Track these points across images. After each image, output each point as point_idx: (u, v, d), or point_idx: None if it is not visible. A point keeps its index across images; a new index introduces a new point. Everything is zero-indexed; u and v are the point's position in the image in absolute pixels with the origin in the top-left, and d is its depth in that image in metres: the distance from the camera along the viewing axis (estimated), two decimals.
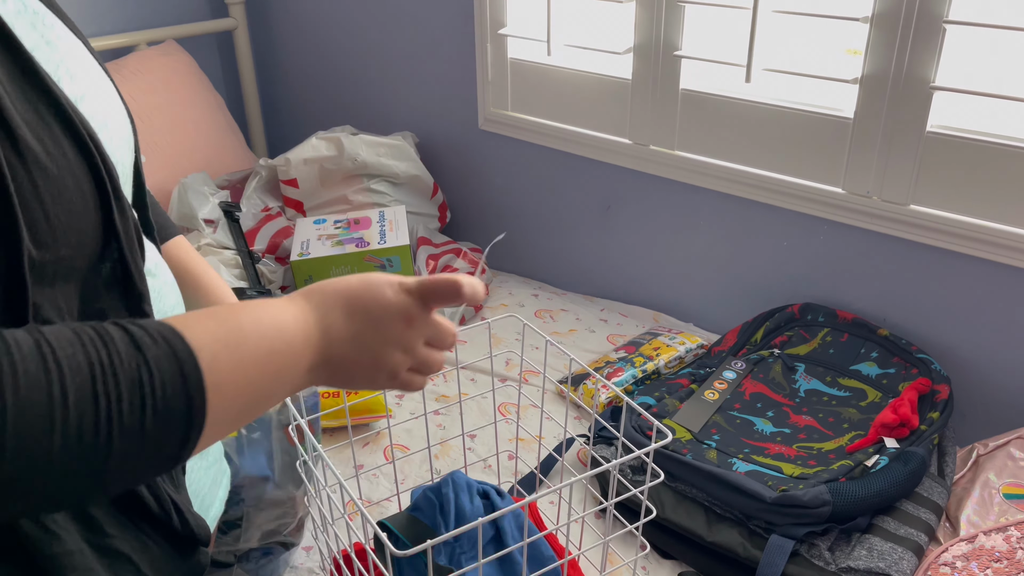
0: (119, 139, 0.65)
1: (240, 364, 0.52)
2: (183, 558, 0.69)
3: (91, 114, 0.60)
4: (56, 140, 0.54)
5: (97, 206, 0.56)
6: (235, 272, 1.71)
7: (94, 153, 0.56)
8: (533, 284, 1.98)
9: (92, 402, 0.45)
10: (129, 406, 0.46)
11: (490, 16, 1.81)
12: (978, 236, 1.36)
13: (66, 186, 0.53)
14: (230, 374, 0.51)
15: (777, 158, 1.54)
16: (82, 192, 0.55)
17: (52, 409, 0.43)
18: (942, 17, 1.28)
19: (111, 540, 0.62)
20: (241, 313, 0.55)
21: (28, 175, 0.51)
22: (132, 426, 0.46)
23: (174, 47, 2.16)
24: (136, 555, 0.64)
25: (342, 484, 0.80)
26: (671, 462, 1.22)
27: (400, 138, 2.00)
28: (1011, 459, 1.25)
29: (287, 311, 0.57)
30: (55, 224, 0.52)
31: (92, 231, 0.56)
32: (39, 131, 0.53)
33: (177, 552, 0.68)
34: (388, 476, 1.33)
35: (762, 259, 1.64)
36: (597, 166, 1.80)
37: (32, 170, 0.51)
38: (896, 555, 1.09)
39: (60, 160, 0.53)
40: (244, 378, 0.52)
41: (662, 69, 1.61)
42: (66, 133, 0.55)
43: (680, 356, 1.58)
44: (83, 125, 0.56)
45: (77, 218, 0.54)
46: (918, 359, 1.40)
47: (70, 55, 0.61)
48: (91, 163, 0.56)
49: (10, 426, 0.42)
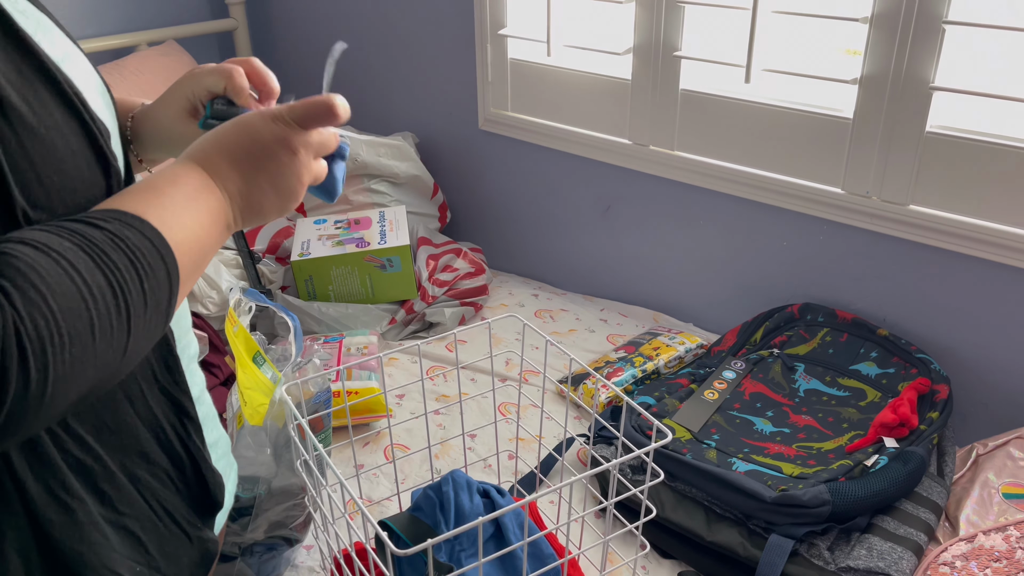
0: (103, 104, 0.65)
1: (184, 225, 0.59)
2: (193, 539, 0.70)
3: (74, 75, 0.59)
4: (42, 100, 0.54)
5: (90, 164, 0.57)
6: (235, 272, 1.71)
7: (82, 112, 0.57)
8: (533, 284, 1.98)
9: (108, 287, 0.51)
10: (135, 284, 0.53)
11: (490, 16, 1.82)
12: (978, 236, 1.36)
13: (55, 146, 0.54)
14: (180, 232, 0.58)
15: (777, 158, 1.54)
16: (72, 151, 0.56)
17: (85, 302, 0.50)
18: (941, 17, 1.28)
19: (123, 518, 0.63)
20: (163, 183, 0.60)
21: (16, 136, 0.51)
22: (138, 294, 0.53)
23: (174, 47, 2.16)
24: (145, 535, 0.65)
25: (343, 483, 0.80)
26: (671, 462, 1.22)
27: (400, 138, 2.00)
28: (1010, 459, 1.25)
29: (192, 178, 0.62)
30: (48, 185, 0.53)
31: (87, 189, 0.57)
32: (24, 92, 0.53)
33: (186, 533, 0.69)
34: (388, 476, 1.33)
35: (762, 259, 1.64)
36: (597, 166, 1.81)
37: (19, 131, 0.52)
38: (896, 555, 1.09)
39: (47, 120, 0.54)
40: (192, 234, 0.59)
41: (662, 69, 1.61)
42: (52, 93, 0.55)
43: (680, 356, 1.58)
44: (68, 84, 0.56)
45: (70, 178, 0.55)
46: (917, 359, 1.40)
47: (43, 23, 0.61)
48: (80, 121, 0.57)
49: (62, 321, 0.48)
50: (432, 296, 1.77)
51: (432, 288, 1.77)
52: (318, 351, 1.24)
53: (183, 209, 0.59)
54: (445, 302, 1.77)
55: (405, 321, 1.75)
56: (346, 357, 1.54)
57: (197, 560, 0.71)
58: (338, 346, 1.57)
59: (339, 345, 1.57)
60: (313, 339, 1.60)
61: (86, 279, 0.50)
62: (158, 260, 0.55)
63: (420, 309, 1.76)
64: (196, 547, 0.71)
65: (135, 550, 0.64)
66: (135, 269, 0.53)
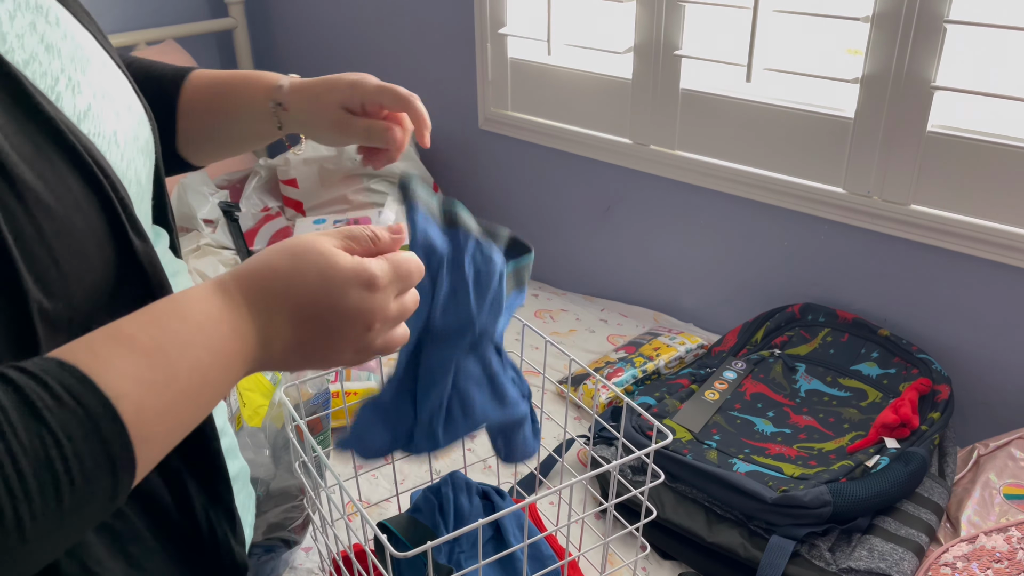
0: (134, 150, 0.59)
1: (170, 406, 0.45)
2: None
3: (97, 130, 0.54)
4: (59, 174, 0.48)
5: (109, 242, 0.50)
6: None
7: (103, 184, 0.50)
8: (533, 284, 1.98)
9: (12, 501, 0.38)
10: (39, 492, 0.39)
11: (490, 16, 1.81)
12: (978, 236, 1.36)
13: (74, 225, 0.48)
14: (158, 419, 0.44)
15: (778, 158, 1.53)
16: (92, 229, 0.49)
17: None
18: (942, 17, 1.28)
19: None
20: (168, 334, 0.47)
21: (31, 219, 0.45)
22: (46, 511, 0.39)
23: (174, 47, 2.16)
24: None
25: (341, 485, 0.80)
26: (671, 462, 1.22)
27: None
28: (1012, 459, 1.25)
29: (223, 323, 0.49)
30: (66, 269, 0.47)
31: (104, 269, 0.50)
32: (38, 166, 0.47)
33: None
34: (387, 477, 1.33)
35: (762, 259, 1.64)
36: (597, 166, 1.80)
37: (35, 212, 0.45)
38: (897, 556, 1.09)
39: (65, 197, 0.48)
40: (175, 419, 0.46)
41: (662, 69, 1.61)
42: (69, 164, 0.49)
43: (680, 356, 1.58)
44: (88, 152, 0.50)
45: (88, 259, 0.49)
46: (919, 359, 1.39)
47: (74, 59, 0.55)
48: (100, 195, 0.50)
49: None
50: None
51: None
52: None
53: (185, 385, 0.46)
54: None
55: None
56: None
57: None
58: None
59: None
60: None
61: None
62: (100, 465, 0.41)
63: None
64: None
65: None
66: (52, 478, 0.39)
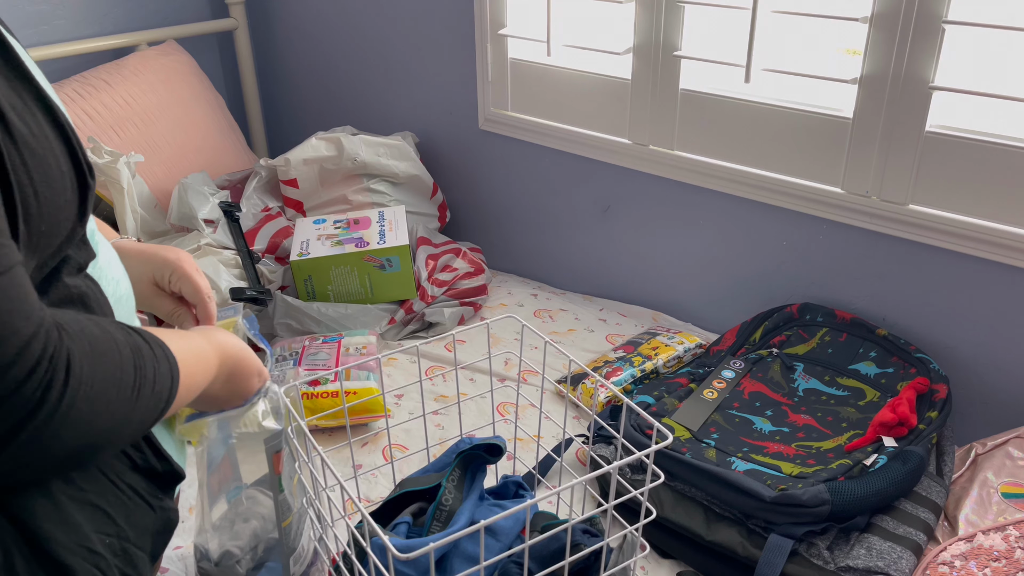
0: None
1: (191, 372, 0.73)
2: (156, 509, 0.76)
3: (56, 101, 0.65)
4: (39, 123, 0.60)
5: (74, 186, 0.63)
6: (235, 272, 1.71)
7: (71, 136, 0.63)
8: (532, 284, 1.98)
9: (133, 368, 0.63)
10: (151, 385, 0.65)
11: (490, 16, 1.82)
12: (977, 236, 1.36)
13: (49, 165, 0.60)
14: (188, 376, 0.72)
15: (776, 158, 1.54)
16: (61, 172, 0.62)
17: (116, 366, 0.61)
18: (941, 17, 1.28)
19: (88, 495, 0.69)
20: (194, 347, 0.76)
21: (19, 155, 0.57)
22: (150, 382, 0.65)
23: (174, 47, 2.16)
24: (111, 508, 0.71)
25: (342, 485, 0.80)
26: (670, 461, 1.22)
27: (400, 138, 2.00)
28: (1009, 458, 1.25)
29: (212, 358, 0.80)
30: (42, 200, 0.59)
31: (68, 209, 0.63)
32: (24, 115, 0.59)
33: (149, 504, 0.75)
34: (387, 476, 1.34)
35: (761, 259, 1.64)
36: (597, 166, 1.81)
37: (22, 150, 0.57)
38: (895, 554, 1.09)
39: (43, 141, 0.60)
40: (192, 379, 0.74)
41: (662, 69, 1.61)
42: (46, 117, 0.61)
43: (679, 356, 1.58)
44: (59, 110, 0.62)
45: (57, 195, 0.61)
46: (917, 358, 1.40)
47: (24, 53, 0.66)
48: (68, 146, 0.63)
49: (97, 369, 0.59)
50: (431, 296, 1.77)
51: (431, 288, 1.77)
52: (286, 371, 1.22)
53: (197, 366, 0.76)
54: (444, 302, 1.77)
55: (404, 321, 1.75)
56: (345, 357, 1.54)
57: (160, 528, 0.76)
58: (337, 346, 1.57)
59: (338, 345, 1.57)
60: (312, 339, 1.60)
61: (122, 353, 0.62)
62: (166, 369, 0.68)
63: (419, 309, 1.76)
64: (159, 516, 0.76)
65: (104, 523, 0.69)
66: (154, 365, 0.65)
